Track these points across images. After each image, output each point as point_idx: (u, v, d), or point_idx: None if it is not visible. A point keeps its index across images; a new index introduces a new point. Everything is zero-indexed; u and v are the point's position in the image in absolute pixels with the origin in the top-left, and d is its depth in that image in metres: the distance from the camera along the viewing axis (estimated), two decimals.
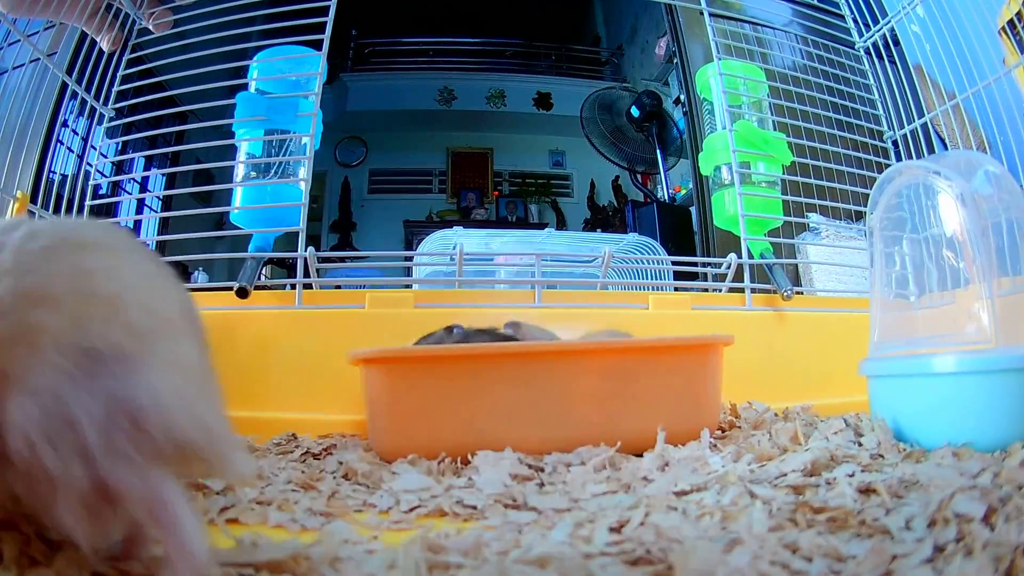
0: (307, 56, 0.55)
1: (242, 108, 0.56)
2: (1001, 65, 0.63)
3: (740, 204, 0.58)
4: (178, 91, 0.62)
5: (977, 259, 0.35)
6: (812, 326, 0.55)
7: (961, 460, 0.29)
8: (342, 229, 2.88)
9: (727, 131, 0.60)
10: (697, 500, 0.24)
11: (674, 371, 0.35)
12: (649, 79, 2.55)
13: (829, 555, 0.18)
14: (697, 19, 1.68)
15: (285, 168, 0.56)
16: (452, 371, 0.33)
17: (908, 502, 0.23)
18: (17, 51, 0.56)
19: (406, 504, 0.26)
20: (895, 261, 0.40)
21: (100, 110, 0.60)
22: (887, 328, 0.39)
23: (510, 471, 0.30)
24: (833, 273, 1.21)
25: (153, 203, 2.10)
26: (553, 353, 0.34)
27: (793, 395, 0.50)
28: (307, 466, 0.34)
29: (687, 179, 2.07)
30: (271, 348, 0.48)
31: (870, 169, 0.66)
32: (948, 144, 0.73)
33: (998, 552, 0.17)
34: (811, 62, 0.72)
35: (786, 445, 0.33)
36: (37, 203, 0.53)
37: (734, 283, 0.56)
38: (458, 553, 0.18)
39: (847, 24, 0.74)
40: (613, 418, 0.34)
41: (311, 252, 0.50)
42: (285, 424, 0.44)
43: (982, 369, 0.32)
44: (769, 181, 0.63)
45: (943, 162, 0.38)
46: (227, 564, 0.18)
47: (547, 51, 3.06)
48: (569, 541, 0.20)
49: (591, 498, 0.26)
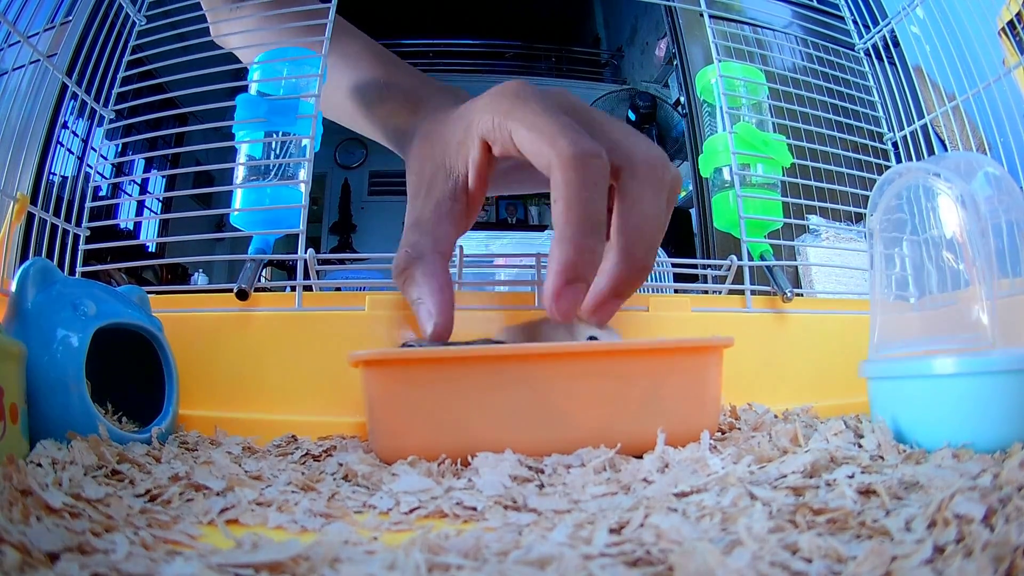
0: (307, 58, 0.55)
1: (242, 110, 0.56)
2: (1001, 66, 0.64)
3: (740, 206, 0.58)
4: (178, 93, 0.62)
5: (977, 261, 0.35)
6: (812, 328, 0.55)
7: (961, 461, 0.29)
8: (342, 231, 2.88)
9: (727, 133, 0.60)
10: (697, 501, 0.24)
11: (674, 373, 0.35)
12: (649, 81, 2.55)
13: (829, 556, 0.18)
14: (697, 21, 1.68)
15: (285, 170, 0.56)
16: (452, 373, 0.34)
17: (908, 503, 0.23)
18: (17, 52, 0.56)
19: (406, 505, 0.26)
20: (895, 263, 0.40)
21: (100, 112, 0.60)
22: (887, 330, 0.39)
23: (510, 472, 0.30)
24: (833, 275, 1.21)
25: (153, 205, 2.10)
26: (554, 355, 0.34)
27: (793, 397, 0.50)
28: (307, 468, 0.34)
29: (687, 181, 2.08)
30: (271, 350, 0.48)
31: (870, 171, 0.66)
32: (948, 145, 0.73)
33: (998, 553, 0.17)
34: (811, 64, 0.72)
35: (786, 447, 0.33)
36: (37, 204, 0.53)
37: (734, 285, 0.56)
38: (458, 554, 0.18)
39: (847, 26, 0.75)
40: (613, 420, 0.34)
41: (311, 254, 0.50)
42: (285, 426, 0.44)
43: (982, 370, 0.32)
44: (769, 183, 0.63)
45: (943, 164, 0.38)
46: (227, 565, 0.18)
47: (547, 53, 3.06)
48: (569, 542, 0.20)
49: (591, 499, 0.26)
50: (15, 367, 0.31)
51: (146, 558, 0.18)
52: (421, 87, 0.54)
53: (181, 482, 0.28)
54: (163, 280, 1.85)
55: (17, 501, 0.22)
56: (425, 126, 0.46)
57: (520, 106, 0.37)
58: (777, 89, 0.67)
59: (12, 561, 0.17)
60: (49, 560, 0.18)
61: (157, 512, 0.24)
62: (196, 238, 0.70)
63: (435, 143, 0.42)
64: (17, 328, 0.35)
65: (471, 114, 0.40)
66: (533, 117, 0.36)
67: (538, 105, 0.37)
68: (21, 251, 0.55)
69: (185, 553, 0.20)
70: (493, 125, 0.38)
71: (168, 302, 0.50)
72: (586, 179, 0.34)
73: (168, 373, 0.41)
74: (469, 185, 0.40)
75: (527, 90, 0.39)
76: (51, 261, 0.40)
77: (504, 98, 0.39)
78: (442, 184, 0.41)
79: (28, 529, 0.19)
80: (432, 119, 0.46)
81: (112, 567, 0.18)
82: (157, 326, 0.41)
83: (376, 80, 0.56)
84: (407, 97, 0.52)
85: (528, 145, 0.36)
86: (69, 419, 0.33)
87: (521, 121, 0.37)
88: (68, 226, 0.55)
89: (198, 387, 0.45)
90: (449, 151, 0.41)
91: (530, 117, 0.36)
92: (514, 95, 0.38)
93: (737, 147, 0.60)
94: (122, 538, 0.20)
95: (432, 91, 0.52)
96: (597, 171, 0.34)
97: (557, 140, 0.34)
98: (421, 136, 0.45)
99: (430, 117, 0.46)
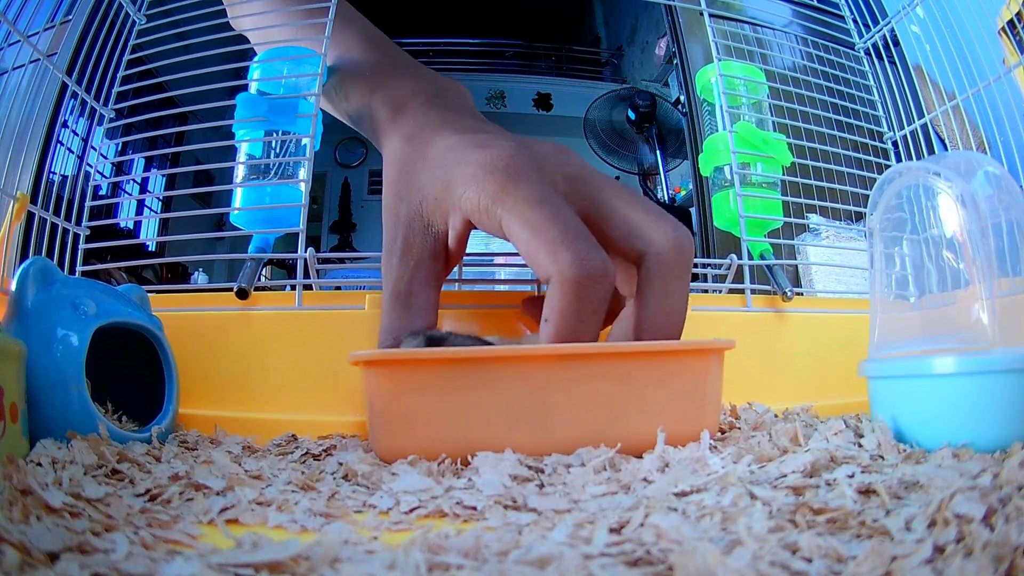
0: (307, 57, 0.55)
1: (242, 109, 0.56)
2: (1001, 65, 0.64)
3: (740, 205, 0.58)
4: (178, 92, 0.62)
5: (977, 260, 0.35)
6: (812, 327, 0.55)
7: (961, 461, 0.29)
8: (342, 230, 2.88)
9: (727, 132, 0.60)
10: (697, 501, 0.24)
11: (676, 376, 0.35)
12: (649, 80, 2.55)
13: (829, 556, 0.18)
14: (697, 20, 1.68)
15: (285, 169, 0.56)
16: (453, 373, 0.33)
17: (908, 503, 0.23)
18: (17, 51, 0.56)
19: (406, 505, 0.26)
20: (895, 262, 0.40)
21: (100, 111, 0.60)
22: (887, 329, 0.39)
23: (510, 472, 0.30)
24: (833, 274, 1.21)
25: (153, 204, 2.10)
26: (555, 356, 0.34)
27: (793, 396, 0.50)
28: (307, 467, 0.34)
29: (687, 180, 2.08)
30: (271, 349, 0.48)
31: (870, 170, 0.66)
32: (948, 145, 0.73)
33: (998, 552, 0.17)
34: (811, 63, 0.72)
35: (786, 446, 0.33)
36: (37, 203, 0.53)
37: (734, 284, 0.56)
38: (458, 554, 0.18)
39: (847, 25, 0.74)
40: (613, 422, 0.34)
41: (311, 253, 0.50)
42: (285, 425, 0.44)
43: (982, 370, 0.32)
44: (769, 182, 0.63)
45: (943, 163, 0.38)
46: (227, 565, 0.18)
47: (547, 52, 3.06)
48: (569, 542, 0.19)
49: (591, 499, 0.26)
50: (15, 366, 0.31)
51: (146, 558, 0.18)
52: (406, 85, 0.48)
53: (181, 481, 0.28)
54: (163, 279, 1.85)
55: (17, 500, 0.22)
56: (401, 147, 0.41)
57: (511, 190, 0.32)
58: (777, 88, 0.67)
59: (12, 561, 0.17)
60: (49, 560, 0.18)
61: (157, 511, 0.24)
62: (196, 237, 0.70)
63: (410, 183, 0.38)
64: (17, 327, 0.35)
65: (453, 173, 0.35)
66: (528, 211, 0.32)
67: (534, 191, 0.32)
68: (21, 250, 0.55)
69: (185, 553, 0.20)
70: (479, 207, 0.33)
71: (168, 301, 0.50)
72: (585, 307, 0.31)
73: (168, 372, 0.41)
74: (449, 245, 0.37)
75: (520, 164, 0.33)
76: (51, 260, 0.40)
77: (493, 175, 0.33)
78: (420, 241, 0.37)
79: (28, 529, 0.19)
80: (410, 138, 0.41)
81: (112, 567, 0.18)
82: (157, 325, 0.41)
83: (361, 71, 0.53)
84: (389, 97, 0.47)
85: (524, 247, 0.32)
86: (69, 418, 0.33)
87: (514, 213, 0.32)
88: (68, 225, 0.55)
89: (198, 386, 0.45)
90: (426, 202, 0.37)
91: (524, 210, 0.32)
92: (504, 173, 0.33)
93: (737, 146, 0.60)
94: (122, 538, 0.20)
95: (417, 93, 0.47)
96: (598, 296, 0.31)
97: (559, 252, 0.30)
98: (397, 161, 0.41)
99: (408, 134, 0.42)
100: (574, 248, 0.30)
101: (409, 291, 0.37)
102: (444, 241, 0.37)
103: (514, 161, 0.34)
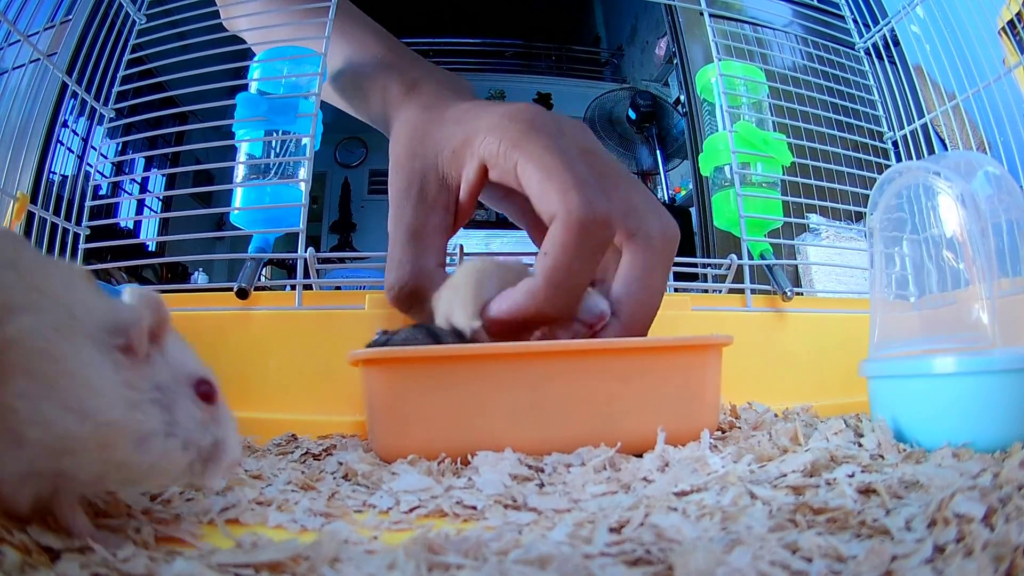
0: (307, 56, 0.55)
1: (242, 109, 0.56)
2: (1001, 66, 0.64)
3: (740, 205, 0.58)
4: (178, 92, 0.62)
5: (977, 260, 0.35)
6: (812, 327, 0.55)
7: (961, 460, 0.29)
8: (342, 230, 2.88)
9: (727, 132, 0.60)
10: (697, 500, 0.24)
11: (674, 372, 0.35)
12: (649, 80, 2.55)
13: (829, 555, 0.18)
14: (697, 20, 1.68)
15: (285, 169, 0.56)
16: (452, 371, 0.33)
17: (908, 502, 0.23)
18: (17, 51, 0.56)
19: (406, 504, 0.26)
20: (895, 262, 0.40)
21: (100, 110, 0.60)
22: (887, 329, 0.39)
23: (510, 471, 0.30)
24: (833, 274, 1.21)
25: (153, 204, 2.10)
26: (554, 353, 0.34)
27: (793, 396, 0.50)
28: (307, 467, 0.34)
29: (687, 180, 2.08)
30: (271, 349, 0.48)
31: (870, 170, 0.66)
32: (948, 145, 0.73)
33: (998, 552, 0.17)
34: (811, 63, 0.72)
35: (786, 446, 0.33)
36: (37, 203, 0.53)
37: (734, 284, 0.56)
38: (458, 553, 0.18)
39: (847, 25, 0.74)
40: (613, 418, 0.34)
41: (311, 253, 0.50)
42: (285, 425, 0.44)
43: (982, 369, 0.32)
44: (769, 182, 0.63)
45: (943, 163, 0.38)
46: (227, 564, 0.18)
47: (547, 51, 3.06)
48: (569, 541, 0.19)
49: (591, 498, 0.26)
50: None
51: (146, 558, 0.18)
52: (418, 69, 0.50)
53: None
54: (163, 279, 1.85)
55: None
56: (417, 114, 0.42)
57: (532, 138, 0.34)
58: (777, 88, 0.67)
59: (13, 561, 0.17)
60: (49, 559, 0.18)
61: (157, 511, 0.24)
62: (196, 237, 0.70)
63: (426, 140, 0.40)
64: None
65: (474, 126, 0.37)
66: (546, 156, 0.33)
67: (553, 142, 0.34)
68: None
69: (185, 553, 0.20)
70: (498, 151, 0.35)
71: (168, 301, 0.50)
72: (585, 248, 0.31)
73: None
74: (460, 199, 0.38)
75: (543, 119, 0.35)
76: None
77: (516, 123, 0.35)
78: (435, 191, 0.38)
79: (28, 529, 0.19)
80: (427, 107, 0.43)
81: (112, 567, 0.18)
82: None
83: (373, 57, 0.54)
84: (402, 76, 0.48)
85: (535, 187, 0.33)
86: None
87: (531, 157, 0.33)
88: (68, 225, 0.55)
89: None
90: (443, 155, 0.39)
91: (542, 155, 0.33)
92: (528, 123, 0.35)
93: (737, 146, 0.60)
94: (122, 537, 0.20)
95: (430, 76, 0.48)
96: (600, 241, 0.32)
97: (569, 193, 0.31)
98: (412, 125, 0.42)
99: (425, 104, 0.43)
100: (584, 192, 0.32)
101: (423, 231, 0.39)
102: (456, 195, 0.39)
103: (537, 115, 0.36)
